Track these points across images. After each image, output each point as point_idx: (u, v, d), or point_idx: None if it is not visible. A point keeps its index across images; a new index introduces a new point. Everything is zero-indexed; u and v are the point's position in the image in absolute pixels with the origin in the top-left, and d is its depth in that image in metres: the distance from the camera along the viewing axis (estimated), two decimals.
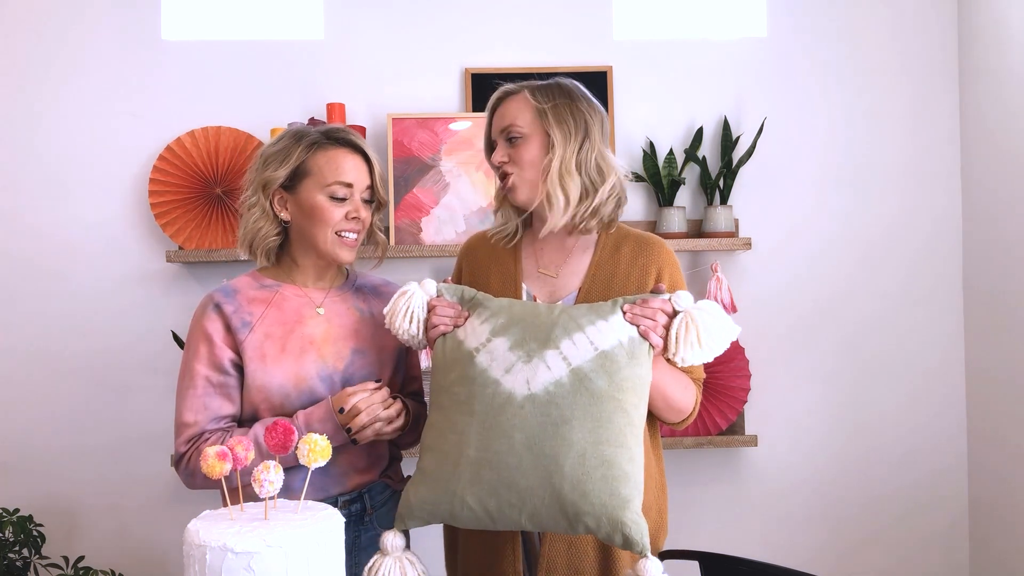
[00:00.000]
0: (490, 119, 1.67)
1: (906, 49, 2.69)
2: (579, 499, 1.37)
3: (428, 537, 1.79)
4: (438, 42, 2.64)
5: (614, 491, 1.37)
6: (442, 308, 1.55)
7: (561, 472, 1.38)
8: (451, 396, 1.49)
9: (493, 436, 1.42)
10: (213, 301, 1.66)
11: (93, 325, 2.58)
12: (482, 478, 1.41)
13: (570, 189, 1.58)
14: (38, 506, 2.51)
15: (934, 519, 2.69)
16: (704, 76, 2.67)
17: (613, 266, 1.62)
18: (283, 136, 1.69)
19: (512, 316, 1.50)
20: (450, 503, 1.43)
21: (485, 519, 1.43)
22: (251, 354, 1.62)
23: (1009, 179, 2.46)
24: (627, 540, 1.37)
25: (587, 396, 1.41)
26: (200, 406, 1.62)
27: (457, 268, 1.77)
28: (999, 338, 2.52)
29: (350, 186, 1.64)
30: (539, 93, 1.62)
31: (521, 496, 1.39)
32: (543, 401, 1.41)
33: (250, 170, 1.70)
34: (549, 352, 1.44)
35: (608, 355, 1.43)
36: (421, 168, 2.57)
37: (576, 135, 1.60)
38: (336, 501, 1.66)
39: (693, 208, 2.66)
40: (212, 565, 1.16)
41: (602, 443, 1.39)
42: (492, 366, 1.46)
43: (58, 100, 2.59)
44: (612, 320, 1.46)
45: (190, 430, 1.61)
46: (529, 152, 1.60)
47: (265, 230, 1.67)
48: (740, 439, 2.57)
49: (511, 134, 1.61)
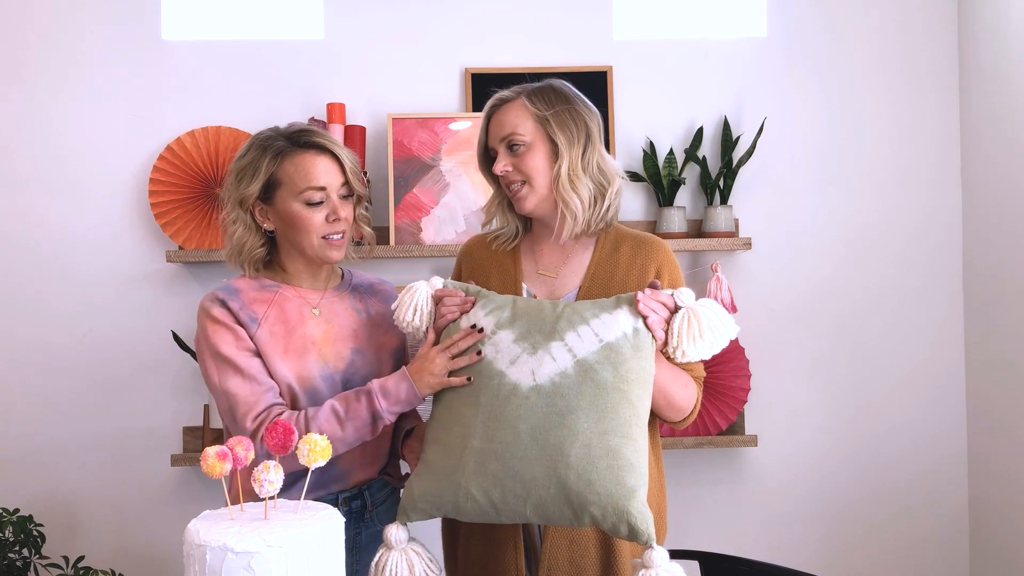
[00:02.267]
0: (486, 127, 1.66)
1: (906, 49, 2.69)
2: (584, 488, 1.37)
3: (426, 537, 1.79)
4: (438, 42, 2.64)
5: (619, 480, 1.37)
6: (448, 298, 1.56)
7: (567, 461, 1.38)
8: (455, 388, 1.50)
9: (498, 426, 1.42)
10: (217, 298, 1.64)
11: (93, 325, 2.58)
12: (487, 468, 1.41)
13: (582, 192, 1.60)
14: (38, 506, 2.51)
15: (934, 518, 2.69)
16: (704, 76, 2.67)
17: (612, 265, 1.63)
18: (249, 147, 1.66)
19: (516, 310, 1.51)
20: (454, 494, 1.43)
21: (490, 510, 1.42)
22: (262, 348, 1.62)
23: (1009, 179, 2.45)
24: (632, 530, 1.37)
25: (592, 387, 1.41)
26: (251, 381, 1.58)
27: (456, 270, 1.77)
28: (999, 339, 2.52)
29: (323, 189, 1.62)
30: (537, 99, 1.61)
31: (526, 486, 1.39)
32: (548, 392, 1.42)
33: (225, 186, 1.69)
34: (554, 344, 1.44)
35: (613, 347, 1.44)
36: (421, 168, 2.57)
37: (579, 139, 1.61)
38: (336, 498, 1.66)
39: (693, 208, 2.66)
40: (212, 565, 1.16)
41: (608, 433, 1.39)
42: (497, 358, 1.47)
43: (58, 100, 2.59)
44: (616, 313, 1.47)
45: (253, 409, 1.56)
46: (534, 160, 1.60)
47: (250, 243, 1.66)
48: (740, 439, 2.57)
49: (513, 142, 1.61)
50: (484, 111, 1.66)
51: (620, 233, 1.68)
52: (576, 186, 1.59)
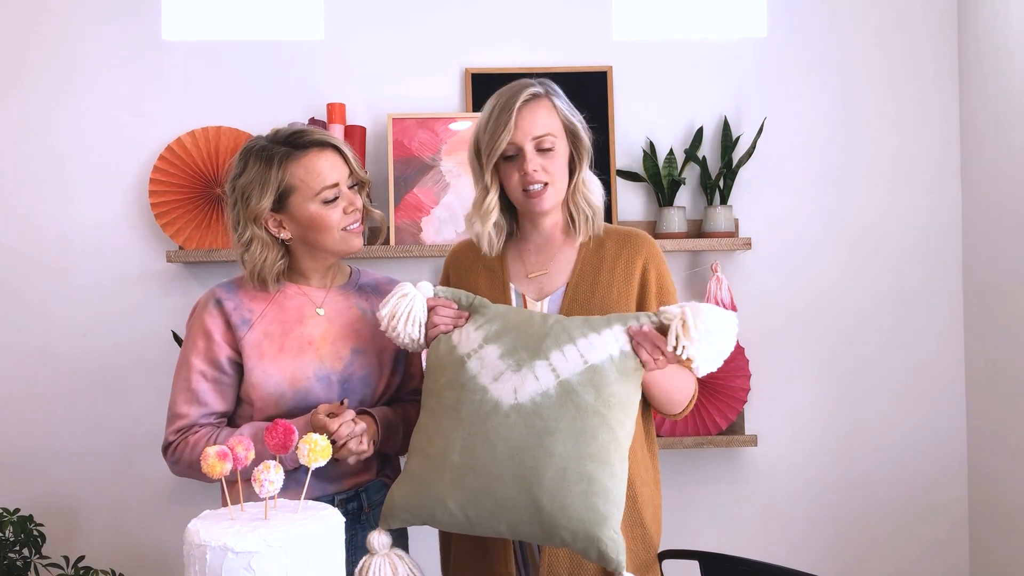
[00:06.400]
0: (513, 121, 1.56)
1: (906, 48, 2.69)
2: (557, 512, 1.37)
3: (425, 538, 1.79)
4: (438, 42, 2.64)
5: (592, 507, 1.37)
6: (443, 308, 1.55)
7: (541, 484, 1.38)
8: (440, 400, 1.49)
9: (477, 443, 1.42)
10: (215, 297, 1.66)
11: (93, 325, 2.58)
12: (464, 484, 1.41)
13: (593, 201, 1.65)
14: (38, 506, 2.51)
15: (934, 518, 2.69)
16: (704, 76, 2.67)
17: (598, 261, 1.64)
18: (247, 160, 1.63)
19: (506, 324, 1.50)
20: (432, 506, 1.44)
21: (465, 524, 1.44)
22: (249, 352, 1.62)
23: (1009, 179, 2.45)
24: (602, 556, 1.37)
25: (573, 409, 1.40)
26: (193, 399, 1.64)
27: (444, 275, 1.76)
28: (999, 340, 2.52)
29: (336, 185, 1.63)
30: (561, 104, 1.63)
31: (501, 506, 1.40)
32: (528, 411, 1.41)
33: (230, 207, 1.66)
34: (539, 363, 1.43)
35: (597, 369, 1.42)
36: (421, 168, 2.57)
37: (589, 148, 1.66)
38: (333, 500, 1.66)
39: (693, 208, 2.66)
40: (212, 565, 1.16)
41: (584, 458, 1.39)
42: (481, 373, 1.46)
43: (58, 100, 2.59)
44: (604, 333, 1.45)
45: (180, 421, 1.65)
46: (559, 164, 1.61)
47: (270, 258, 1.64)
48: (740, 439, 2.57)
49: (545, 145, 1.59)
50: (515, 103, 1.57)
51: (604, 230, 1.69)
52: (588, 197, 1.64)
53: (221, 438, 1.60)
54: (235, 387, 1.67)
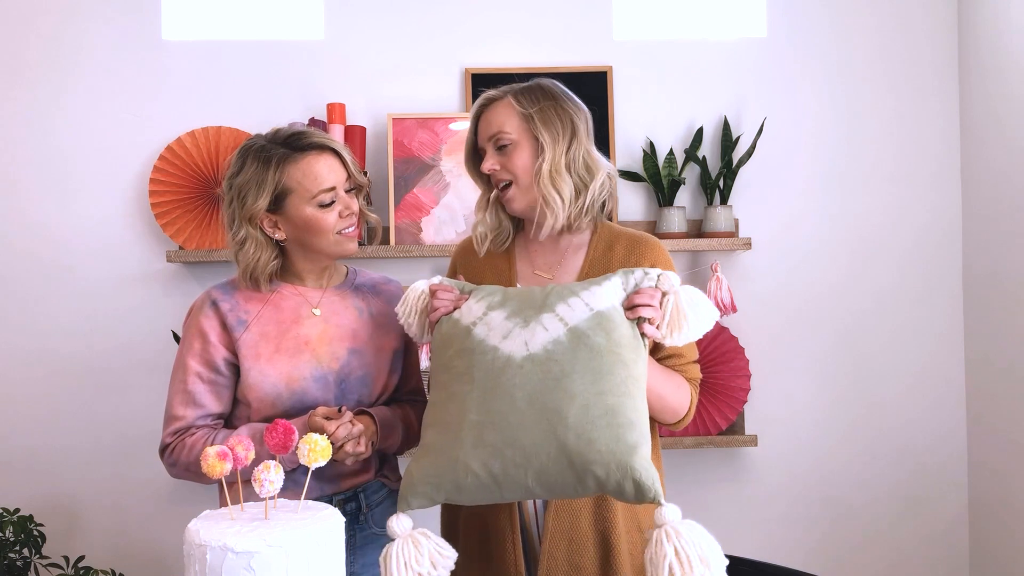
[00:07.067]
0: (475, 127, 1.67)
1: (906, 48, 2.69)
2: (585, 448, 1.35)
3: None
4: (438, 42, 2.64)
5: (620, 437, 1.36)
6: (443, 291, 1.56)
7: (565, 423, 1.36)
8: (450, 371, 1.48)
9: (494, 397, 1.40)
10: (211, 298, 1.66)
11: (93, 325, 2.58)
12: (485, 440, 1.38)
13: (563, 189, 1.60)
14: (38, 506, 2.51)
15: (934, 517, 2.69)
16: (704, 76, 2.67)
17: (607, 265, 1.64)
18: (245, 159, 1.63)
19: (507, 294, 1.52)
20: (454, 472, 1.39)
21: (491, 485, 1.39)
22: (245, 352, 1.62)
23: (1009, 178, 2.45)
24: (638, 486, 1.34)
25: (586, 351, 1.41)
26: (189, 400, 1.64)
27: (451, 271, 1.77)
28: (999, 340, 2.52)
29: (333, 189, 1.62)
30: (523, 97, 1.62)
31: (526, 454, 1.37)
32: (542, 359, 1.41)
33: (226, 205, 1.65)
34: (545, 315, 1.44)
35: (604, 315, 1.44)
36: (421, 168, 2.57)
37: (564, 136, 1.62)
38: (331, 500, 1.65)
39: (693, 208, 2.66)
40: (212, 565, 1.16)
41: (605, 393, 1.39)
42: (490, 335, 1.46)
43: (58, 100, 2.59)
44: (605, 285, 1.48)
45: (177, 423, 1.64)
46: (520, 159, 1.62)
47: (264, 258, 1.64)
48: (740, 439, 2.57)
49: (500, 141, 1.62)
50: (472, 110, 1.68)
51: (614, 232, 1.68)
52: (557, 183, 1.60)
53: (218, 440, 1.60)
54: (232, 388, 1.66)
